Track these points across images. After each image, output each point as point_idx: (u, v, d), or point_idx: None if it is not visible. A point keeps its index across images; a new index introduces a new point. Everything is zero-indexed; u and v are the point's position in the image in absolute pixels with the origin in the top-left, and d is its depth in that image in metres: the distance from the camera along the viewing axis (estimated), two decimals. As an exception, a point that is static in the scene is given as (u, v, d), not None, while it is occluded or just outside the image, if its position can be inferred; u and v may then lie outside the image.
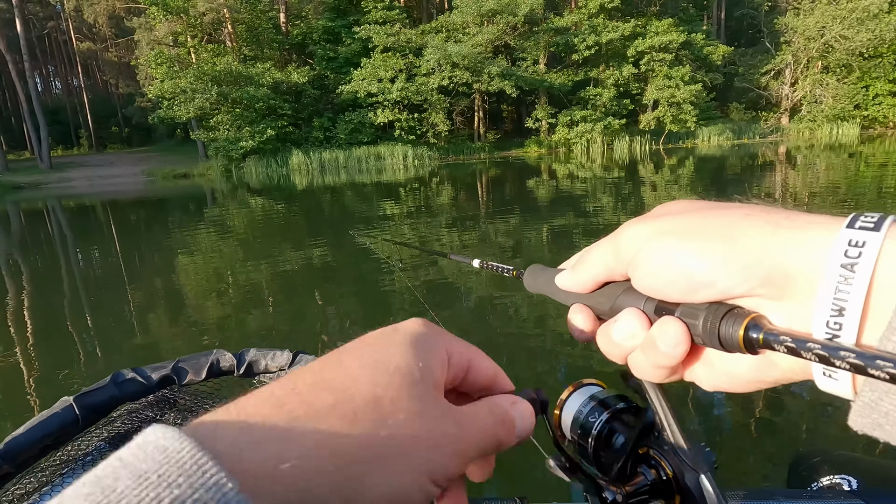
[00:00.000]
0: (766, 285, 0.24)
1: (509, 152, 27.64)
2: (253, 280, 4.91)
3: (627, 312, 0.30)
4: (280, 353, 0.64)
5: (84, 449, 0.53)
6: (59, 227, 10.25)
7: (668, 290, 0.27)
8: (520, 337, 3.13)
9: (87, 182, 23.73)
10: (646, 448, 0.33)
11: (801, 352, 0.22)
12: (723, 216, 0.27)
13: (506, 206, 9.35)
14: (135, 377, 0.57)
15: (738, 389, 0.28)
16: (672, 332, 0.27)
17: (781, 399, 2.37)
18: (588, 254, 0.32)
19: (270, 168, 23.46)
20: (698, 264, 0.26)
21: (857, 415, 0.22)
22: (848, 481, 0.68)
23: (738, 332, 0.24)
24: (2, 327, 3.89)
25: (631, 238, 0.29)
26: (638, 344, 0.29)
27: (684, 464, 0.30)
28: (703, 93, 26.79)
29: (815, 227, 0.23)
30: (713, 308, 0.26)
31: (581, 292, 0.33)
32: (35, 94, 29.50)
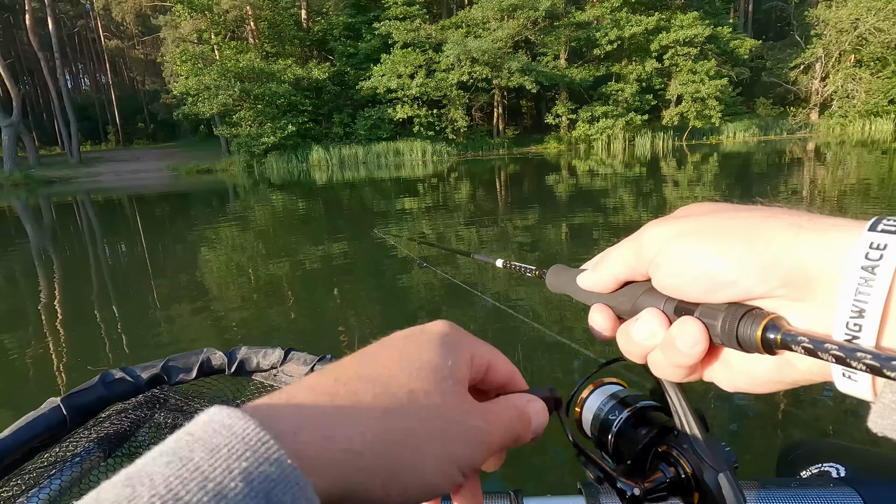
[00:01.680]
0: (786, 286, 0.24)
1: (528, 148, 27.41)
2: (273, 274, 4.97)
3: (647, 312, 0.30)
4: (272, 351, 0.63)
5: (72, 450, 0.53)
6: (88, 221, 10.55)
7: (689, 289, 0.28)
8: (538, 336, 3.10)
9: (114, 176, 24.37)
10: (665, 446, 0.33)
11: (818, 353, 0.22)
12: (744, 218, 0.27)
13: (525, 203, 9.27)
14: (123, 377, 0.57)
15: (758, 390, 0.29)
16: (691, 331, 0.27)
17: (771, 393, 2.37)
18: (610, 254, 0.33)
19: (291, 164, 23.74)
20: (719, 264, 0.26)
21: (878, 416, 0.22)
22: (836, 469, 0.69)
23: (756, 332, 0.24)
24: (34, 316, 4.02)
25: (652, 238, 0.30)
26: (657, 343, 0.30)
27: (703, 462, 0.31)
28: (728, 88, 26.11)
29: (837, 230, 0.23)
30: (732, 309, 0.26)
31: (602, 292, 0.34)
32: (65, 90, 30.37)
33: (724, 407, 2.27)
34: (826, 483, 0.59)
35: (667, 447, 0.33)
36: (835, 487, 0.57)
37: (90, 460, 0.52)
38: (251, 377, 0.63)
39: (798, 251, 0.24)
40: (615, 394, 0.38)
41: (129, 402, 0.59)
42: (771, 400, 2.31)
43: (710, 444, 0.31)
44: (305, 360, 0.64)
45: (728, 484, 0.30)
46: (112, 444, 0.53)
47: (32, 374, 2.99)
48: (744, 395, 2.38)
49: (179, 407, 0.61)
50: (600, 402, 0.38)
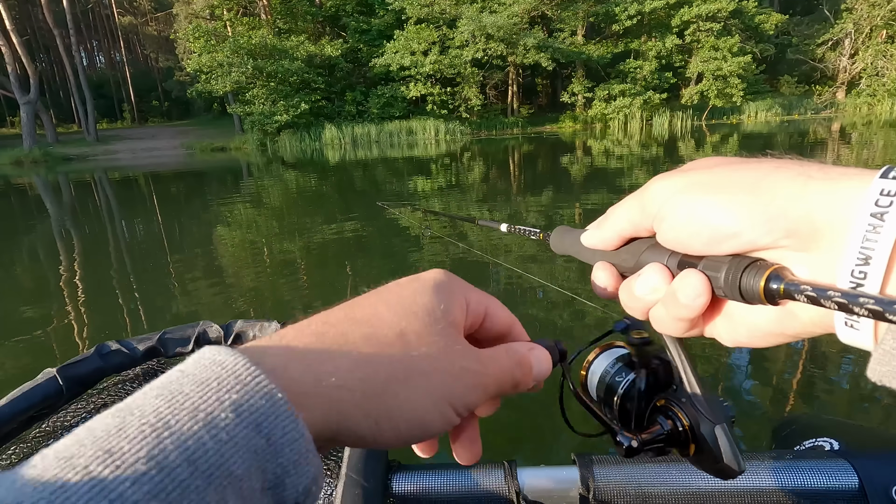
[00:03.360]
0: (791, 236, 0.24)
1: (543, 128, 26.98)
2: (287, 250, 5.01)
3: (650, 267, 0.30)
4: (268, 324, 0.63)
5: (70, 420, 0.54)
6: (106, 198, 10.71)
7: (693, 242, 0.27)
8: (546, 308, 3.09)
9: (130, 154, 24.60)
10: (664, 400, 0.34)
11: (821, 300, 0.22)
12: (752, 168, 0.26)
13: (538, 183, 9.16)
14: (120, 349, 0.58)
15: (758, 343, 0.28)
16: (693, 283, 0.27)
17: (767, 365, 2.41)
18: (614, 210, 0.33)
19: (304, 142, 23.71)
20: (724, 215, 0.26)
21: (877, 363, 0.21)
22: (830, 443, 0.70)
23: (759, 283, 0.24)
24: (55, 291, 4.12)
25: (658, 191, 0.29)
26: (660, 297, 0.30)
27: (701, 415, 0.31)
28: (751, 65, 25.26)
29: (847, 179, 0.23)
30: (736, 260, 0.26)
31: (606, 249, 0.34)
32: (81, 68, 30.52)
33: (720, 383, 2.26)
34: (820, 455, 0.59)
35: (665, 401, 0.34)
36: (829, 460, 0.58)
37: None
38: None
39: (805, 201, 0.23)
40: (621, 356, 0.38)
41: (125, 373, 0.60)
42: (767, 377, 2.30)
43: (708, 398, 0.32)
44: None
45: (724, 436, 0.31)
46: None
47: (56, 346, 3.08)
48: (740, 372, 2.38)
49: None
50: (607, 364, 0.38)
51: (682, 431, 0.32)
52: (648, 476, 0.59)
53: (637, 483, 0.58)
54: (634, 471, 0.59)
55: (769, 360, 2.47)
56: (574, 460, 0.61)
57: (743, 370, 2.43)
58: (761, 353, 2.55)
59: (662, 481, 0.58)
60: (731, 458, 0.30)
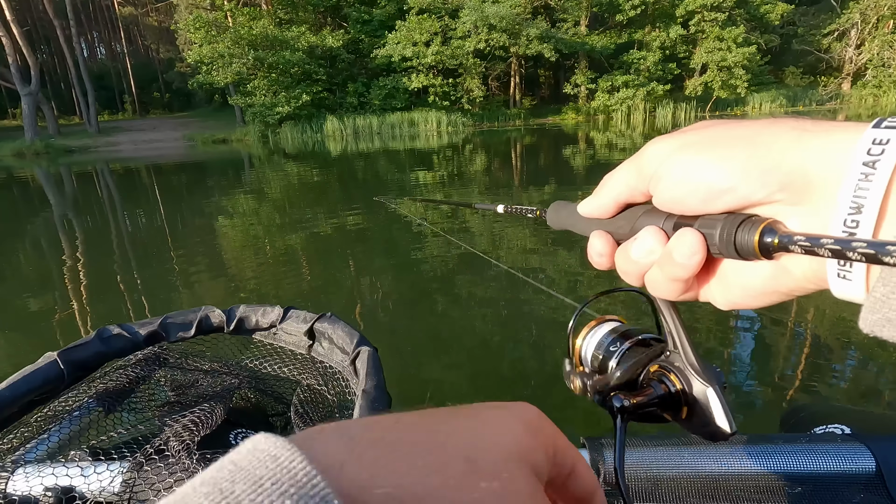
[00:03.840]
0: (785, 189, 0.24)
1: (545, 119, 26.82)
2: (289, 242, 5.01)
3: (646, 230, 0.30)
4: (271, 309, 0.63)
5: (71, 405, 0.53)
6: (108, 190, 10.70)
7: (689, 200, 0.27)
8: (546, 298, 3.09)
9: (132, 146, 24.55)
10: (657, 366, 0.34)
11: (815, 249, 0.22)
12: (747, 126, 0.26)
13: (540, 176, 9.12)
14: (121, 333, 0.57)
15: (753, 304, 0.28)
16: (688, 241, 0.27)
17: (774, 352, 2.42)
18: (610, 176, 0.33)
19: (305, 134, 23.63)
20: (719, 171, 0.26)
21: (868, 311, 0.21)
22: (841, 429, 0.69)
23: (753, 237, 0.25)
24: (59, 282, 4.13)
25: (654, 153, 0.29)
26: (655, 260, 0.30)
27: (693, 378, 0.32)
28: (756, 56, 24.99)
29: (840, 131, 0.23)
30: (730, 217, 0.26)
31: (602, 217, 0.34)
32: (82, 59, 30.39)
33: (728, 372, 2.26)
34: (835, 439, 0.58)
35: (658, 367, 0.34)
36: (844, 443, 0.57)
37: (90, 416, 0.53)
38: (251, 335, 0.63)
39: (799, 153, 0.24)
40: (615, 328, 0.38)
41: (127, 358, 0.59)
42: (773, 365, 2.30)
43: (700, 362, 0.32)
44: (305, 317, 0.64)
45: (716, 397, 0.31)
46: (112, 400, 0.54)
47: (59, 335, 3.09)
48: (747, 357, 2.37)
49: (179, 365, 0.61)
50: (601, 336, 0.38)
51: (674, 394, 0.33)
52: (660, 459, 0.58)
53: (648, 466, 0.58)
54: (645, 453, 0.59)
55: (774, 344, 2.47)
56: (584, 443, 0.60)
57: (749, 355, 2.43)
58: (765, 343, 2.55)
59: (674, 464, 0.58)
60: (723, 418, 0.31)
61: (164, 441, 0.48)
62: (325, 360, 0.65)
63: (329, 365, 0.65)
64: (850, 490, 0.56)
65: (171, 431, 0.48)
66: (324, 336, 0.64)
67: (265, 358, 0.67)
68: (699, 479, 0.58)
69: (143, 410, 0.57)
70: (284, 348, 0.67)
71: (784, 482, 0.57)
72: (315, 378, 0.65)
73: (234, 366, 0.65)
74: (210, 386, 0.59)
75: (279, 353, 0.67)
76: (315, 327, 0.64)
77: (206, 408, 0.51)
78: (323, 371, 0.65)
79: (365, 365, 0.60)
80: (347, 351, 0.62)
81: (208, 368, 0.63)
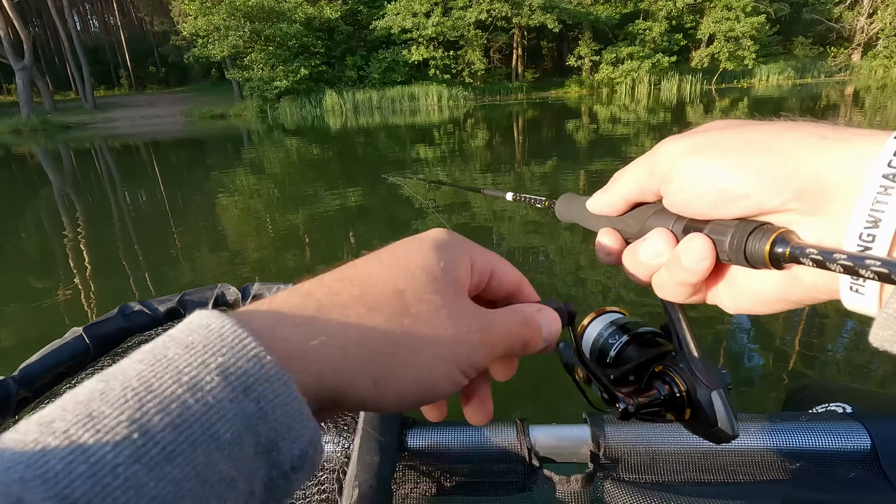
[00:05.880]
0: (801, 198, 0.23)
1: (548, 93, 26.40)
2: (290, 219, 5.01)
3: (655, 231, 0.29)
4: (284, 287, 0.64)
5: (97, 377, 0.55)
6: (107, 167, 10.65)
7: (700, 204, 0.27)
8: (549, 276, 3.11)
9: (129, 122, 24.31)
10: (661, 366, 0.34)
11: (827, 263, 0.21)
12: (765, 130, 0.25)
13: (543, 150, 9.04)
14: (142, 309, 0.59)
15: (761, 310, 0.28)
16: (698, 247, 0.27)
17: (778, 334, 2.43)
18: (621, 174, 0.32)
19: (305, 109, 23.33)
20: (733, 175, 0.25)
21: (879, 327, 0.21)
22: (843, 408, 0.70)
23: (764, 246, 0.24)
24: (62, 260, 4.16)
25: (667, 153, 0.28)
26: (663, 262, 0.29)
27: (698, 381, 0.32)
28: (765, 26, 24.37)
29: (861, 139, 0.22)
30: (742, 224, 0.25)
31: (611, 214, 0.33)
32: (75, 32, 29.80)
33: (731, 352, 2.29)
34: (832, 417, 0.59)
35: (663, 367, 0.34)
36: (841, 422, 0.58)
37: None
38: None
39: (817, 161, 0.23)
40: (615, 321, 0.38)
41: (149, 333, 0.61)
42: (771, 345, 2.33)
43: (705, 365, 0.32)
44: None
45: (720, 401, 0.31)
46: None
47: (64, 312, 3.13)
48: (752, 343, 2.39)
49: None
50: (601, 328, 0.38)
51: (678, 396, 0.32)
52: (659, 435, 0.60)
53: (648, 442, 0.59)
54: (645, 430, 0.60)
55: (777, 327, 2.49)
56: (585, 419, 0.62)
57: (752, 336, 2.45)
58: (765, 323, 2.57)
59: (673, 441, 0.59)
60: (726, 422, 0.31)
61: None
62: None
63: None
64: (845, 467, 0.57)
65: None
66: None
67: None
68: (697, 454, 0.59)
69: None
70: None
71: (779, 458, 0.58)
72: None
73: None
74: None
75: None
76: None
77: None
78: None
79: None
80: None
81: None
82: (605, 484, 0.58)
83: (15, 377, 0.47)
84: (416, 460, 0.62)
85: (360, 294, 0.23)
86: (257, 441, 0.18)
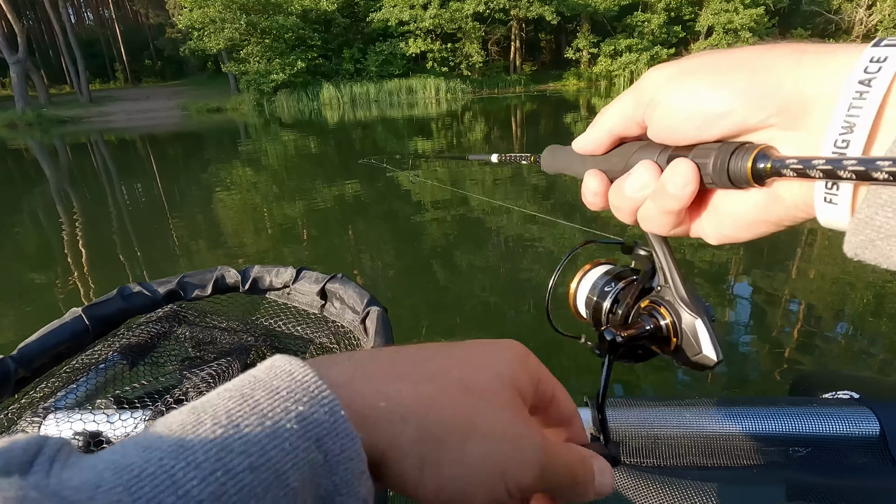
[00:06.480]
0: (781, 113, 0.24)
1: (546, 86, 26.30)
2: (287, 213, 5.00)
3: (641, 164, 0.30)
4: (284, 270, 0.64)
5: (97, 358, 0.55)
6: (104, 162, 10.59)
7: (685, 127, 0.27)
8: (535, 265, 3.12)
9: (125, 116, 24.14)
10: (648, 301, 0.35)
11: (807, 171, 0.21)
12: (747, 50, 0.26)
13: (540, 144, 8.98)
14: (141, 291, 0.58)
15: (744, 235, 0.28)
16: (682, 171, 0.27)
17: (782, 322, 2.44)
18: (606, 109, 0.32)
19: (302, 102, 23.19)
20: (716, 95, 0.25)
21: (851, 234, 0.21)
22: (850, 395, 0.69)
23: (746, 163, 0.24)
24: (60, 255, 4.14)
25: (651, 80, 0.29)
26: (649, 194, 0.29)
27: (683, 310, 0.32)
28: (764, 18, 24.31)
29: (840, 52, 0.23)
30: (724, 146, 0.26)
31: (596, 152, 0.33)
32: (69, 25, 29.51)
33: (736, 340, 2.30)
34: (840, 403, 0.59)
35: (649, 302, 0.35)
36: (849, 406, 0.57)
37: (115, 369, 0.55)
38: (265, 295, 0.65)
39: (797, 74, 0.23)
40: (609, 270, 0.40)
41: (148, 315, 0.61)
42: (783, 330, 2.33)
43: (690, 295, 0.33)
44: (317, 278, 0.65)
45: (704, 327, 0.32)
46: (135, 354, 0.56)
47: (62, 305, 3.13)
48: (757, 326, 2.40)
49: (197, 322, 0.63)
50: (595, 278, 0.40)
51: (664, 327, 0.33)
52: (661, 418, 0.59)
53: (650, 424, 0.59)
54: (647, 413, 0.60)
55: (781, 314, 2.49)
56: (587, 402, 0.62)
57: (759, 324, 2.46)
58: (777, 309, 2.58)
59: (675, 423, 0.59)
60: (710, 347, 0.31)
61: (184, 392, 0.50)
62: (336, 319, 0.66)
63: (341, 324, 0.66)
64: (854, 453, 0.56)
65: (191, 383, 0.50)
66: (335, 296, 0.65)
67: (279, 317, 0.69)
68: (701, 437, 0.59)
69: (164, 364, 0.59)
70: (298, 308, 0.68)
71: (786, 443, 0.57)
72: (327, 337, 0.67)
73: (250, 324, 0.67)
74: (228, 343, 0.61)
75: (293, 313, 0.69)
76: (327, 288, 0.65)
77: (224, 363, 0.53)
78: (335, 330, 0.67)
79: (375, 324, 0.62)
80: (358, 311, 0.64)
81: (226, 326, 0.65)
82: (606, 467, 0.58)
83: (14, 356, 0.47)
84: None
85: (432, 374, 0.23)
86: (317, 493, 0.18)
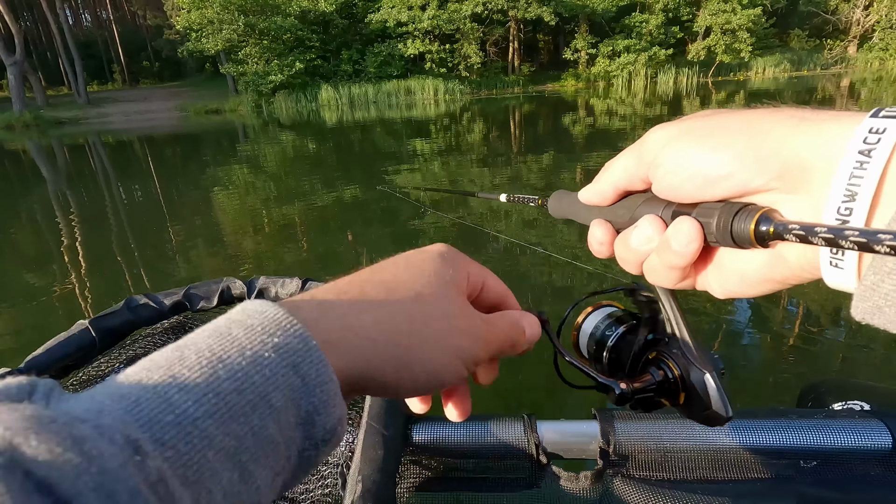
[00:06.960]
0: (782, 178, 0.24)
1: (545, 86, 26.32)
2: (287, 215, 4.99)
3: (645, 218, 0.30)
4: (289, 281, 0.64)
5: (104, 370, 0.55)
6: (102, 163, 10.56)
7: (687, 186, 0.28)
8: (540, 273, 3.11)
9: (123, 118, 24.09)
10: (656, 352, 0.35)
11: (809, 237, 0.22)
12: (746, 114, 0.27)
13: (539, 145, 9.02)
14: (148, 302, 0.58)
15: (749, 292, 0.29)
16: (686, 229, 0.28)
17: (790, 333, 2.41)
18: (611, 163, 0.33)
19: (300, 103, 23.18)
20: (717, 157, 0.26)
21: (859, 300, 0.22)
22: (861, 406, 0.68)
23: (749, 225, 0.25)
24: (58, 257, 4.13)
25: (654, 139, 0.30)
26: (654, 248, 0.30)
27: (691, 364, 0.32)
28: (762, 18, 24.35)
29: (838, 119, 0.23)
30: (727, 206, 0.26)
31: (602, 203, 0.34)
32: (67, 27, 29.44)
33: (740, 352, 2.30)
34: (851, 415, 0.57)
35: (657, 353, 0.34)
36: (860, 419, 0.56)
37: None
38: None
39: (797, 141, 0.24)
40: (611, 313, 0.40)
41: (155, 327, 0.61)
42: (791, 340, 2.33)
43: (698, 349, 0.33)
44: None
45: (713, 383, 0.31)
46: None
47: (61, 310, 3.11)
48: (763, 336, 2.40)
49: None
50: (597, 321, 0.39)
51: (672, 380, 0.33)
52: (669, 432, 0.59)
53: (658, 438, 0.58)
54: (655, 426, 0.59)
55: (788, 326, 2.49)
56: (594, 415, 0.61)
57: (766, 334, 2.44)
58: (779, 319, 2.58)
59: (683, 437, 0.58)
60: (720, 404, 0.31)
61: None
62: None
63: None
64: (865, 465, 0.56)
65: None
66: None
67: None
68: (710, 451, 0.58)
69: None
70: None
71: (797, 456, 0.56)
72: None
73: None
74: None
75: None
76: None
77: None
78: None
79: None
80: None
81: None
82: (615, 481, 0.57)
83: (21, 369, 0.47)
84: (421, 455, 0.61)
85: (388, 293, 0.27)
86: (298, 413, 0.21)
